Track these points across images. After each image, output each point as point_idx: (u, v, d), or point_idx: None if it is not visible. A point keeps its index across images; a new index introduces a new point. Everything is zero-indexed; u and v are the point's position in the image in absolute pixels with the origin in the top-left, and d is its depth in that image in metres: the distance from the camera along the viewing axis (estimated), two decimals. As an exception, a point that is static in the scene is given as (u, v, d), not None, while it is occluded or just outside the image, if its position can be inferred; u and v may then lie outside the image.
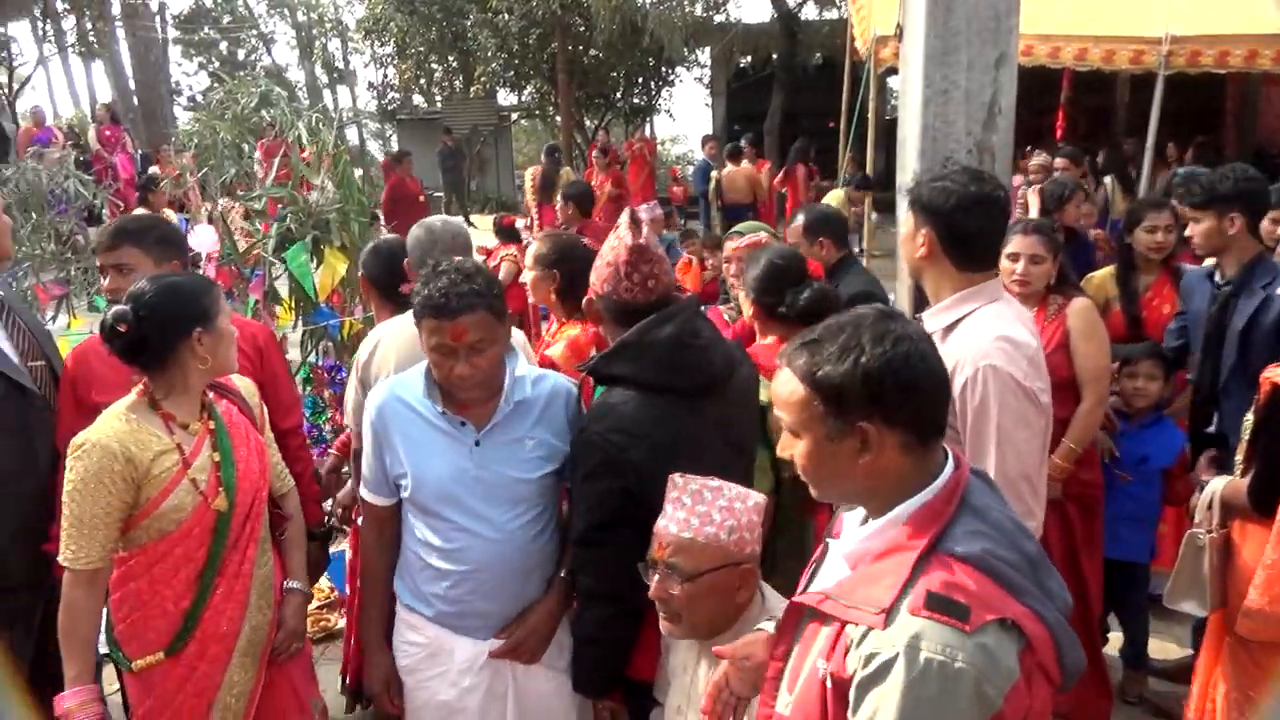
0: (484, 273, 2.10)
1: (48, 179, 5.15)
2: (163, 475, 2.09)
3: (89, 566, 2.07)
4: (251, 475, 2.24)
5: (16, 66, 21.07)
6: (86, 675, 2.11)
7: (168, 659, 2.17)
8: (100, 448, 2.03)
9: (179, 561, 2.15)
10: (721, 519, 1.75)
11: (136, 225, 2.69)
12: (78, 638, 2.10)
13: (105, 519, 2.06)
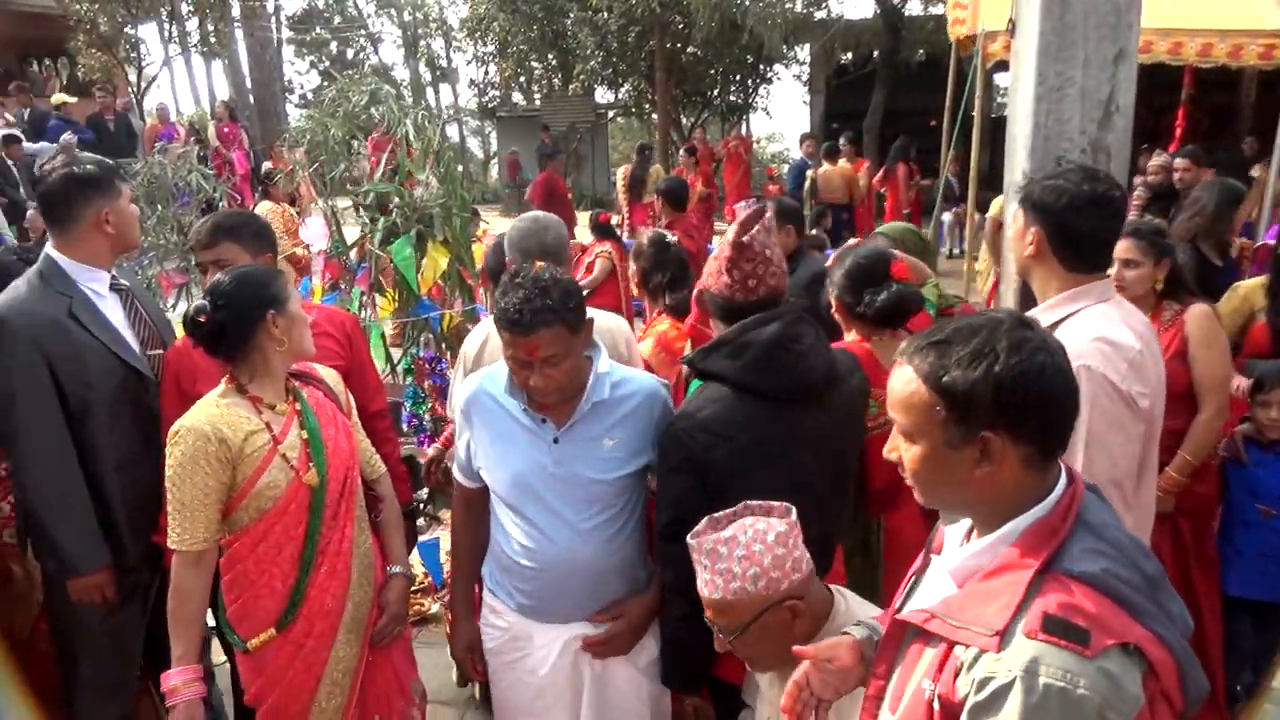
0: (561, 284, 2.07)
1: (172, 173, 5.43)
2: (255, 454, 2.18)
3: (194, 548, 2.16)
4: (341, 453, 2.31)
5: (144, 66, 22.19)
6: (192, 654, 2.19)
7: (278, 635, 2.25)
8: (194, 431, 2.13)
9: (280, 540, 2.23)
10: (743, 570, 1.66)
11: (232, 222, 2.76)
12: (184, 618, 2.19)
13: (205, 500, 2.15)
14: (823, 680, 1.53)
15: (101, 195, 2.60)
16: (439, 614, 4.09)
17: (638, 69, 19.68)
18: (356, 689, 2.35)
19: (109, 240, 2.64)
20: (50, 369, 2.47)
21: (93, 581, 2.56)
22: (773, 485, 2.00)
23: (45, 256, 2.61)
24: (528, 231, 2.80)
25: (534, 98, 23.73)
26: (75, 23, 18.45)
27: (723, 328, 2.15)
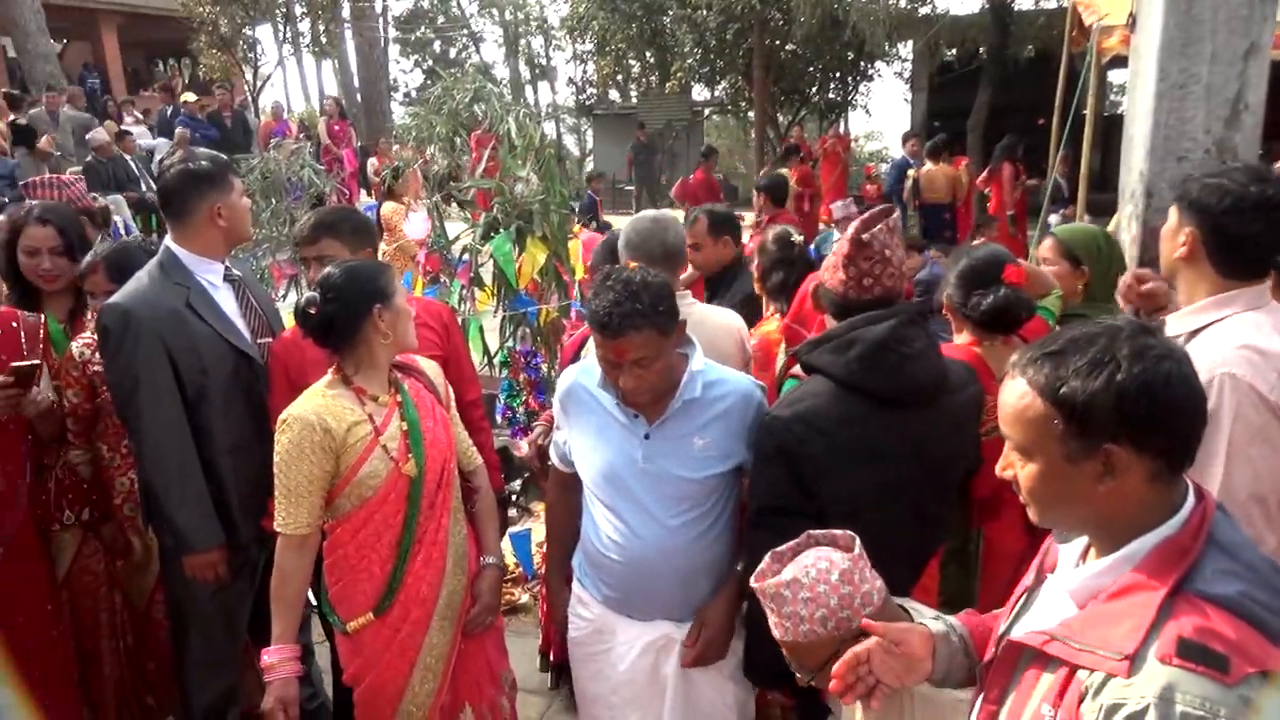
0: (652, 287, 2.06)
1: (285, 168, 5.65)
2: (357, 444, 2.23)
3: (297, 532, 2.23)
4: (439, 444, 2.35)
5: (259, 66, 23.15)
6: (290, 634, 2.26)
7: (376, 619, 2.32)
8: (301, 421, 2.20)
9: (380, 527, 2.29)
10: (810, 613, 1.58)
11: (333, 219, 2.80)
12: (285, 598, 2.26)
13: (309, 486, 2.22)
14: (885, 662, 1.46)
15: (214, 190, 2.67)
16: (529, 604, 4.15)
17: (735, 66, 19.55)
18: (448, 675, 2.40)
19: (221, 233, 2.72)
20: (169, 357, 2.57)
21: (206, 559, 2.67)
22: (867, 486, 2.00)
23: (165, 248, 2.71)
24: (649, 233, 2.78)
25: (631, 96, 23.86)
26: (198, 25, 19.34)
27: (834, 324, 2.13)
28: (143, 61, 23.59)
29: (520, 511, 4.78)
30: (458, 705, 2.44)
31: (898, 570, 2.06)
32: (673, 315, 2.09)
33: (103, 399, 2.85)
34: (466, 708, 2.44)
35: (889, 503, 2.03)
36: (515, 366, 5.09)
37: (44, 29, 14.96)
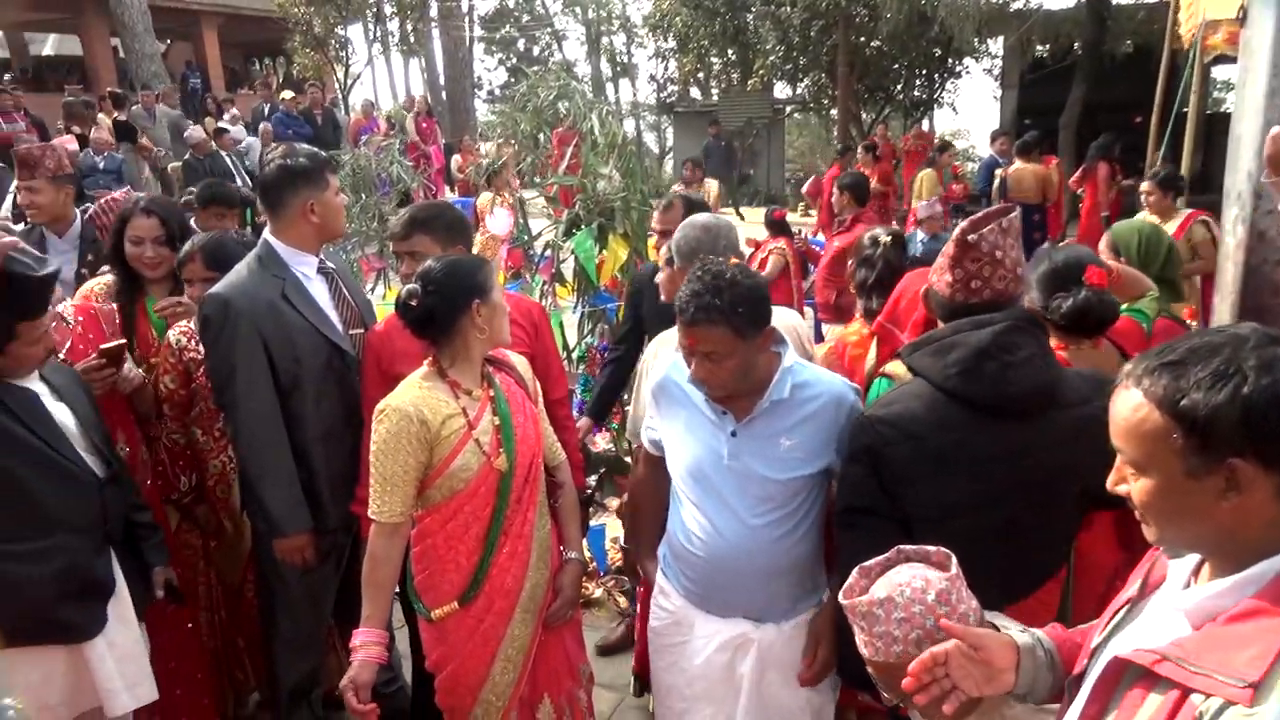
0: (739, 287, 2.05)
1: (375, 165, 5.80)
2: (451, 437, 2.27)
3: (391, 520, 2.28)
4: (528, 439, 2.38)
5: (350, 65, 23.77)
6: (378, 618, 2.31)
7: (460, 609, 2.36)
8: (398, 412, 2.24)
9: (468, 519, 2.32)
10: (904, 634, 1.51)
11: (426, 214, 2.84)
12: (376, 583, 2.31)
13: (403, 476, 2.26)
14: (963, 667, 1.39)
15: (309, 186, 2.73)
16: (602, 599, 4.19)
17: (819, 63, 19.30)
18: (528, 667, 2.42)
19: (314, 228, 2.78)
20: (265, 347, 2.65)
21: (295, 543, 2.75)
22: (958, 496, 1.95)
23: (263, 241, 2.81)
24: (698, 242, 2.77)
25: (711, 93, 23.79)
26: (293, 25, 19.93)
27: (939, 326, 2.09)
28: (241, 61, 24.47)
29: (595, 507, 4.81)
30: (536, 697, 2.46)
31: (987, 586, 2.01)
32: (755, 319, 2.08)
33: (197, 384, 2.97)
34: (545, 699, 2.47)
35: (981, 515, 1.96)
36: (593, 362, 5.12)
37: (150, 29, 15.63)
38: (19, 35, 23.22)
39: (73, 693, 2.39)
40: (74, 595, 2.35)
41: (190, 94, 17.07)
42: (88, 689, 2.40)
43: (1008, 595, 2.05)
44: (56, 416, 2.39)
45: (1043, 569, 2.10)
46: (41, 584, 2.29)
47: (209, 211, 3.75)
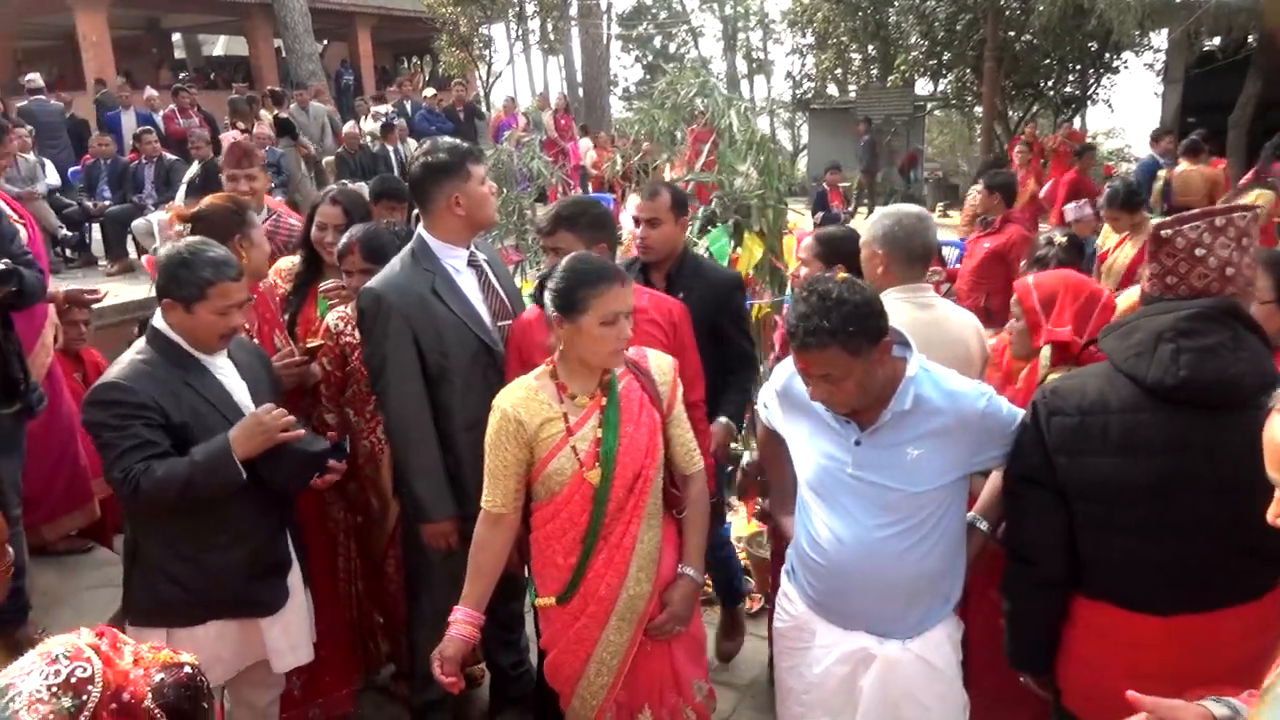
0: (849, 303, 1.99)
1: (516, 160, 5.95)
2: (548, 440, 2.30)
3: (492, 509, 2.35)
4: (636, 452, 2.32)
5: (491, 63, 24.46)
6: (474, 599, 2.38)
7: (557, 605, 2.41)
8: (499, 409, 2.32)
9: (565, 523, 2.34)
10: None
11: (571, 211, 2.87)
12: (477, 566, 2.39)
13: (505, 471, 2.32)
14: None
15: (451, 179, 2.76)
16: (714, 596, 4.16)
17: (964, 59, 18.63)
18: (623, 672, 2.41)
19: (461, 220, 2.81)
20: (415, 339, 2.75)
21: (439, 529, 2.84)
22: (1121, 478, 1.91)
23: (417, 236, 2.89)
24: (914, 230, 2.68)
25: (849, 90, 23.33)
26: (440, 24, 20.64)
27: None
28: (390, 59, 25.54)
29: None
30: (636, 704, 2.45)
31: (1179, 585, 1.91)
32: (869, 334, 2.02)
33: (352, 367, 3.12)
34: (645, 709, 2.45)
35: (1157, 506, 1.90)
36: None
37: (309, 30, 16.48)
38: (194, 37, 24.96)
39: (242, 648, 2.60)
40: (261, 575, 2.56)
41: (343, 91, 17.93)
42: (255, 645, 2.61)
43: (1207, 599, 1.93)
44: (236, 396, 2.54)
45: (1259, 579, 1.96)
46: (237, 568, 2.50)
47: (380, 205, 3.94)
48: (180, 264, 2.40)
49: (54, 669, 1.09)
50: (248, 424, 2.38)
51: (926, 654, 2.20)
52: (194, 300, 2.39)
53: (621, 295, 2.24)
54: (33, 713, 1.05)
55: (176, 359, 2.45)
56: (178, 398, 2.40)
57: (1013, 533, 2.17)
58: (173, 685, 1.17)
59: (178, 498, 2.33)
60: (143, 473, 2.30)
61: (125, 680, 1.13)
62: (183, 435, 2.38)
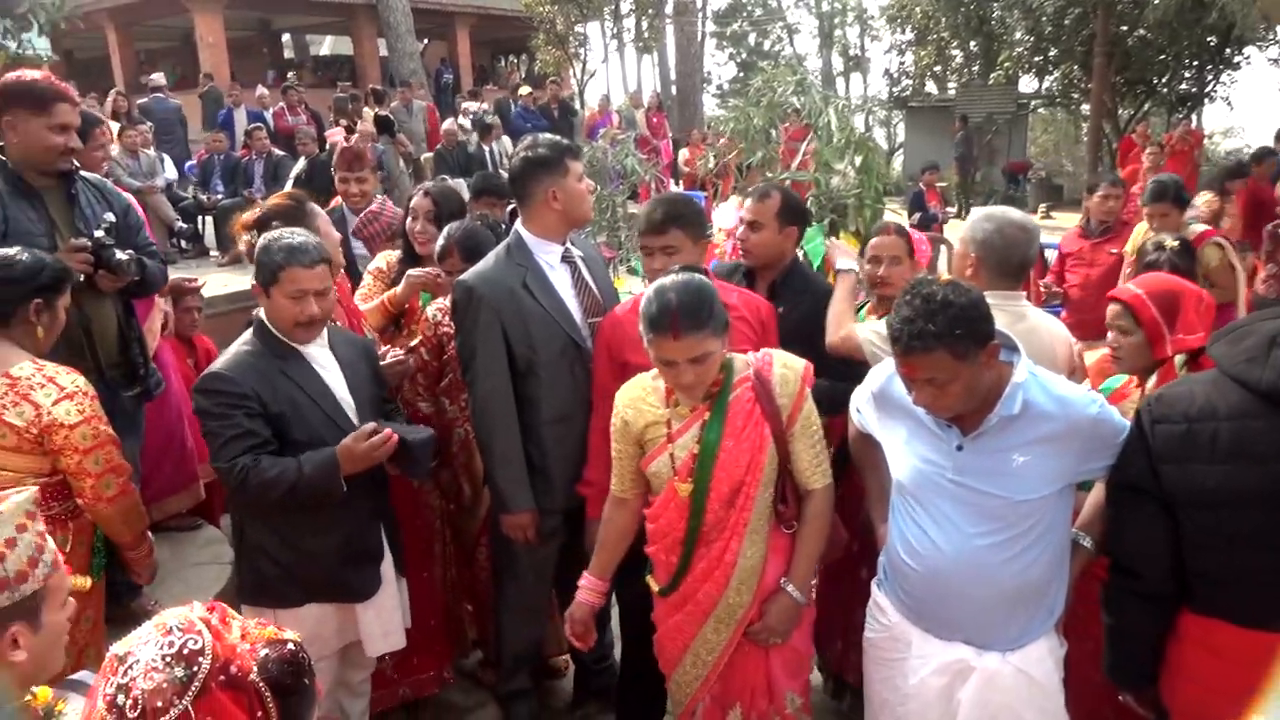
0: (954, 307, 1.93)
1: (611, 158, 5.99)
2: (651, 442, 2.36)
3: (617, 493, 2.48)
4: (734, 467, 2.29)
5: (586, 61, 24.67)
6: (598, 570, 2.54)
7: (659, 596, 2.46)
8: (616, 405, 2.41)
9: (666, 525, 2.38)
10: None
11: (684, 209, 2.84)
12: (600, 542, 2.55)
13: (619, 460, 2.43)
14: None
15: (549, 174, 2.79)
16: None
17: (1072, 54, 17.96)
18: (718, 669, 2.43)
19: (558, 215, 2.84)
20: (503, 331, 2.79)
21: (518, 521, 2.88)
22: (1232, 485, 1.84)
23: (514, 231, 2.94)
24: (1014, 241, 2.58)
25: (948, 87, 22.75)
26: (537, 24, 20.91)
27: None
28: (488, 58, 26.01)
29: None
30: (728, 701, 2.46)
31: (1276, 594, 1.85)
32: (976, 338, 1.96)
33: (449, 356, 3.19)
34: (736, 707, 2.46)
35: (1267, 513, 1.82)
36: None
37: (411, 30, 16.93)
38: (302, 37, 25.90)
39: (340, 628, 2.71)
40: (352, 562, 2.64)
41: (442, 90, 18.34)
42: (351, 627, 2.71)
43: None
44: (333, 388, 2.61)
45: None
46: (329, 554, 2.59)
47: (481, 201, 4.02)
48: (262, 250, 2.49)
49: (168, 640, 1.15)
50: (356, 449, 2.43)
51: (1027, 667, 2.13)
52: (270, 284, 2.47)
53: (674, 347, 2.19)
54: (148, 680, 1.11)
55: (276, 349, 2.53)
56: (275, 388, 2.48)
57: (1114, 543, 2.11)
58: (277, 661, 1.21)
59: (281, 498, 2.43)
60: (251, 467, 2.39)
61: (233, 654, 1.17)
62: (279, 425, 2.48)
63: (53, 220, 2.99)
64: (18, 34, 11.56)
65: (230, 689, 1.14)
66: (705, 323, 2.18)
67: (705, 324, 2.18)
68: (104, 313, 3.11)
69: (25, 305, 2.38)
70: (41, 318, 2.43)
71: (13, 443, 2.32)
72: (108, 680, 1.13)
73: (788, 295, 3.05)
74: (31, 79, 2.99)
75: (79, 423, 2.36)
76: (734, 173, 5.32)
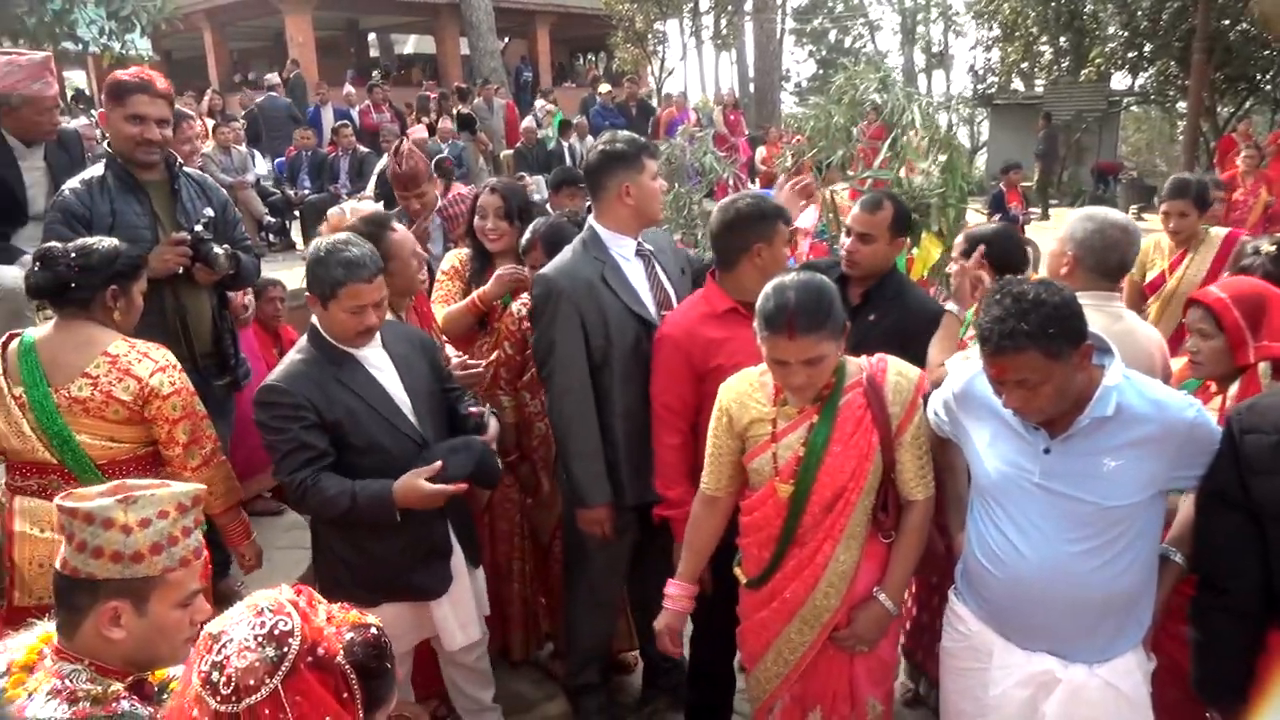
0: (1047, 306, 1.88)
1: (690, 155, 5.96)
2: (755, 438, 2.33)
3: (709, 491, 2.44)
4: (838, 472, 2.26)
5: (664, 58, 24.67)
6: (686, 574, 2.50)
7: (747, 589, 2.45)
8: (718, 398, 2.38)
9: (761, 521, 2.37)
10: None
11: (780, 210, 2.83)
12: (690, 544, 2.51)
13: (716, 454, 2.40)
14: None
15: (625, 169, 2.82)
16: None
17: (1170, 50, 17.26)
18: (799, 668, 2.41)
19: (630, 211, 2.86)
20: (582, 325, 2.81)
21: (594, 515, 2.89)
22: None
23: (588, 225, 2.96)
24: (1115, 244, 2.54)
25: (1035, 84, 22.12)
26: (616, 22, 21.00)
27: None
28: (567, 56, 26.23)
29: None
30: (808, 702, 2.45)
31: None
32: (1069, 337, 1.91)
33: (530, 351, 3.21)
34: (817, 709, 2.44)
35: None
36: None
37: (493, 29, 17.16)
38: (387, 37, 26.49)
39: (416, 624, 2.76)
40: (421, 561, 2.66)
41: (522, 88, 18.55)
42: (427, 622, 2.76)
43: None
44: (390, 390, 2.59)
45: None
46: (395, 556, 2.61)
47: (560, 194, 4.05)
48: (317, 261, 2.46)
49: (260, 620, 1.18)
50: (413, 490, 2.44)
51: (1116, 680, 2.07)
52: (327, 298, 2.45)
53: (788, 348, 2.17)
54: (242, 659, 1.15)
55: (331, 355, 2.53)
56: (330, 396, 2.48)
57: (1201, 556, 2.07)
58: (361, 644, 1.24)
59: (337, 518, 2.50)
60: (311, 486, 2.44)
61: (320, 636, 1.20)
62: (337, 432, 2.50)
63: (156, 214, 3.12)
64: (122, 35, 12.09)
65: (318, 670, 1.18)
66: (822, 324, 2.14)
67: (822, 325, 2.14)
68: (199, 304, 3.23)
69: (103, 291, 2.49)
70: (118, 303, 2.54)
71: (124, 415, 2.48)
72: (202, 657, 1.18)
73: (880, 302, 2.97)
74: (118, 74, 3.14)
75: (171, 394, 2.51)
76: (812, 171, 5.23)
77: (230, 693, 1.14)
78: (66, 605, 1.45)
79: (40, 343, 2.48)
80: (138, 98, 3.04)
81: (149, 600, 1.45)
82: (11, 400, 2.44)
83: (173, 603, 1.48)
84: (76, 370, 2.44)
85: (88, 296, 2.47)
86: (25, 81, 3.40)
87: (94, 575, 1.43)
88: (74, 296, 2.45)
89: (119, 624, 1.44)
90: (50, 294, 2.47)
